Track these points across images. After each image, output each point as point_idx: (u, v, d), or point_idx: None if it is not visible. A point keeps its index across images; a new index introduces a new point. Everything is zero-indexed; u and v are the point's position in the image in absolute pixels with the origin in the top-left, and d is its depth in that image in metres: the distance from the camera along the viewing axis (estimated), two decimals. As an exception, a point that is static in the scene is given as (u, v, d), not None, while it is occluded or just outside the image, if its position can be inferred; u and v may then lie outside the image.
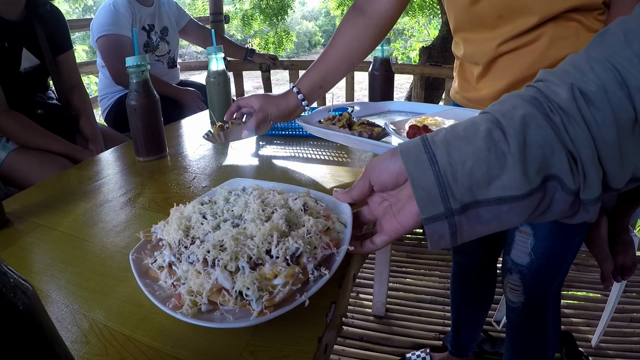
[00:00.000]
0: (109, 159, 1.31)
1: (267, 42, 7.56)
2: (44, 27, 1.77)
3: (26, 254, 0.78)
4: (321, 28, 33.69)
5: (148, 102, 1.20)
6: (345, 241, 0.60)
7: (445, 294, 2.30)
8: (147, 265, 0.62)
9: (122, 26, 2.19)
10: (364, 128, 1.05)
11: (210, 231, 0.61)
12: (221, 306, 0.54)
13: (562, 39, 0.96)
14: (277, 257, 0.56)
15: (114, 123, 2.40)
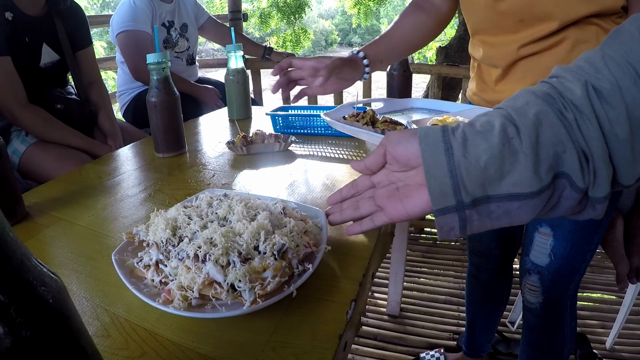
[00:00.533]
0: (128, 154, 1.33)
1: (285, 40, 7.57)
2: (65, 23, 1.79)
3: (46, 247, 0.79)
4: (337, 27, 33.64)
5: (168, 99, 1.21)
6: (322, 241, 0.66)
7: (460, 294, 2.28)
8: (132, 265, 0.64)
9: (141, 22, 2.20)
10: (387, 126, 1.06)
11: (198, 230, 0.63)
12: (214, 299, 0.56)
13: (583, 42, 0.96)
14: (265, 253, 0.59)
15: (133, 119, 2.41)
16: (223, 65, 3.20)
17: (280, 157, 1.21)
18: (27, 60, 1.68)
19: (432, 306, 2.22)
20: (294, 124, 1.43)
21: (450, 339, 1.99)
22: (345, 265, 0.69)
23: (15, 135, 1.69)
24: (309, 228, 0.69)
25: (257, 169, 1.12)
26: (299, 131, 1.43)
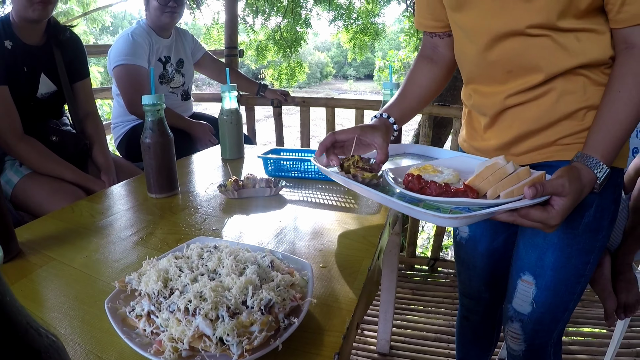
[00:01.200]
0: (121, 192, 1.35)
1: (280, 73, 7.63)
2: (63, 53, 1.82)
3: (39, 288, 0.80)
4: (333, 59, 34.09)
5: (162, 141, 1.24)
6: (308, 294, 0.68)
7: (450, 331, 2.28)
8: (124, 314, 0.66)
9: (139, 56, 2.23)
10: (356, 171, 1.01)
11: (188, 283, 0.65)
12: (203, 351, 0.58)
13: (569, 93, 0.98)
14: (253, 307, 0.61)
15: (126, 152, 2.44)
16: (218, 99, 3.25)
17: (270, 201, 1.23)
18: (24, 90, 1.70)
19: (422, 344, 2.21)
20: (285, 167, 1.46)
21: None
22: (330, 317, 0.71)
23: (9, 165, 1.71)
24: (296, 281, 0.71)
25: (247, 215, 1.14)
26: (290, 174, 1.46)
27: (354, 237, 1.00)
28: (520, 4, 0.94)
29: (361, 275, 0.83)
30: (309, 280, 0.72)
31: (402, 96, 1.24)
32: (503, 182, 0.84)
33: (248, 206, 1.20)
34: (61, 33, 1.82)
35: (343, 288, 0.79)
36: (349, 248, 0.95)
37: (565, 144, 1.03)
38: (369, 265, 0.86)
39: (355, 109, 2.89)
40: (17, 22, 1.65)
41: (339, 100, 2.97)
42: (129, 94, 2.22)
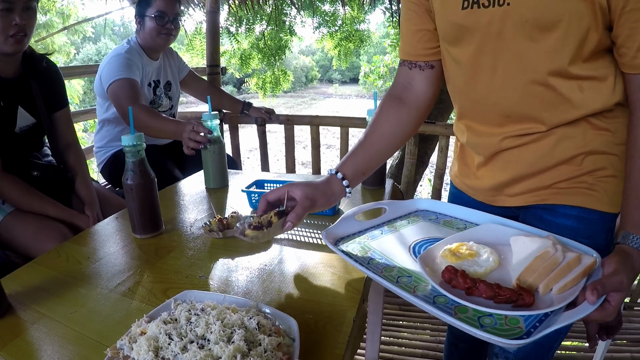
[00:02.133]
0: (106, 231, 1.35)
1: (265, 81, 7.64)
2: (40, 84, 1.80)
3: (34, 351, 0.81)
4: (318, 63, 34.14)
5: (144, 182, 1.24)
6: (295, 355, 0.70)
7: (437, 347, 2.31)
8: None
9: (133, 72, 2.19)
10: (253, 232, 0.99)
11: (179, 353, 0.67)
12: None
13: (568, 138, 0.97)
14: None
15: (110, 176, 2.43)
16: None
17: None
18: (2, 125, 1.68)
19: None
20: (270, 199, 1.46)
21: (427, 396, 2.01)
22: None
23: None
24: (282, 341, 0.73)
25: (232, 259, 1.15)
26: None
27: (339, 284, 1.01)
28: (527, 44, 0.91)
29: (346, 328, 0.85)
30: (295, 339, 0.74)
31: (360, 148, 1.13)
32: (555, 275, 0.78)
33: (233, 247, 1.21)
34: (38, 64, 1.79)
35: (329, 342, 0.81)
36: (334, 296, 0.97)
37: (562, 188, 1.02)
38: (353, 317, 0.88)
39: (340, 127, 2.91)
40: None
41: (323, 118, 2.99)
42: (126, 106, 2.09)
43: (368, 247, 1.01)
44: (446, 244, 0.94)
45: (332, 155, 9.75)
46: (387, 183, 1.71)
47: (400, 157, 3.62)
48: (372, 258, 0.95)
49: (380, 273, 0.89)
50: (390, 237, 1.05)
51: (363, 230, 1.09)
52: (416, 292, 0.83)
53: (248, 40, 6.74)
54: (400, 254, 0.97)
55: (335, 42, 6.87)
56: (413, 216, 1.17)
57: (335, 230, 1.07)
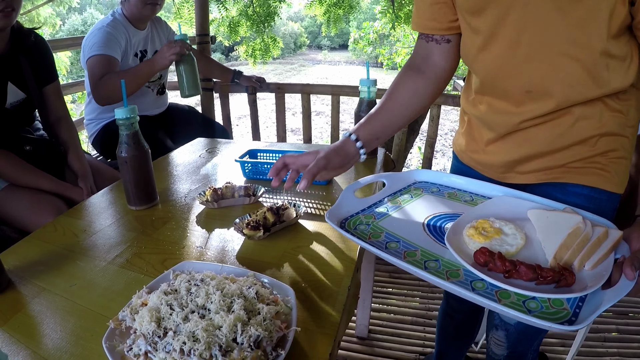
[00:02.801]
0: (101, 204, 1.36)
1: (254, 49, 7.52)
2: (29, 59, 1.78)
3: (36, 325, 0.83)
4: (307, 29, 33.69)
5: (139, 154, 1.24)
6: (292, 322, 0.74)
7: (426, 314, 2.36)
8: (122, 352, 0.70)
9: (112, 48, 2.16)
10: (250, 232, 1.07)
11: (180, 322, 0.69)
12: None
13: (585, 119, 0.96)
14: (243, 344, 0.66)
15: (101, 148, 2.42)
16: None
17: (250, 210, 1.23)
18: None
19: (398, 327, 2.29)
20: (263, 169, 1.49)
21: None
22: (314, 343, 0.76)
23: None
24: (280, 309, 0.75)
25: (228, 229, 1.17)
26: (267, 177, 1.48)
27: (334, 252, 1.04)
28: (554, 15, 0.87)
29: (341, 296, 0.87)
30: (292, 308, 0.77)
31: (376, 114, 1.13)
32: (587, 250, 0.77)
33: (228, 217, 1.22)
34: (26, 38, 1.77)
35: (325, 310, 0.84)
36: (329, 265, 0.99)
37: (575, 167, 1.01)
38: (348, 285, 0.91)
39: (331, 95, 2.90)
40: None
41: (314, 87, 2.99)
42: (94, 82, 2.11)
43: (379, 228, 0.96)
44: (466, 221, 0.91)
45: (322, 122, 9.70)
46: (379, 152, 1.72)
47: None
48: (388, 241, 0.90)
49: (404, 258, 0.84)
50: (398, 215, 1.02)
51: (366, 209, 1.05)
52: (450, 278, 0.79)
53: (236, 7, 6.61)
54: (417, 234, 0.93)
55: (324, 8, 6.76)
56: (414, 189, 1.15)
57: (338, 210, 1.02)
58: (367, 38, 10.22)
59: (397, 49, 10.22)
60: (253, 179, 1.50)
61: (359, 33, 10.59)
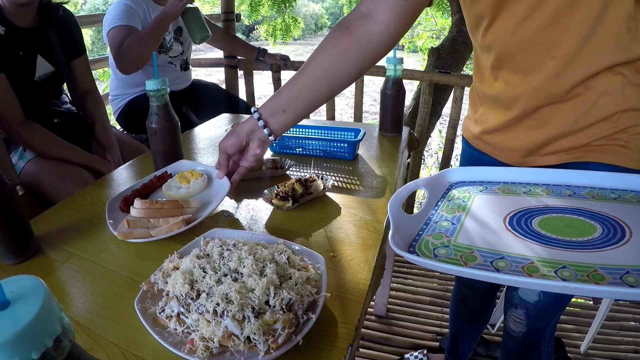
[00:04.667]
0: (129, 175, 1.38)
1: (275, 29, 7.51)
2: (58, 32, 1.80)
3: (66, 288, 0.84)
4: (328, 10, 33.39)
5: (169, 125, 1.26)
6: (322, 288, 0.74)
7: (444, 295, 2.37)
8: (154, 313, 0.72)
9: (133, 19, 2.17)
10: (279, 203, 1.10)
11: (213, 285, 0.70)
12: (232, 349, 0.64)
13: (608, 94, 0.92)
14: (275, 307, 0.67)
15: (126, 124, 2.44)
16: (216, 64, 3.23)
17: (278, 182, 1.23)
18: (22, 74, 1.70)
19: (416, 307, 2.30)
20: (290, 144, 1.50)
21: (434, 340, 2.07)
22: (343, 309, 0.77)
23: (13, 150, 1.72)
24: (311, 275, 0.76)
25: (256, 199, 1.18)
26: (294, 151, 1.50)
27: (361, 224, 1.04)
28: None
29: (369, 266, 0.88)
30: (322, 274, 0.77)
31: (288, 83, 1.00)
32: None
33: (255, 188, 1.23)
34: (54, 12, 1.78)
35: (353, 278, 0.84)
36: (357, 236, 0.99)
37: (597, 145, 0.98)
38: (375, 255, 0.91)
39: (354, 75, 2.88)
40: (7, 7, 1.62)
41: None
42: (117, 50, 2.11)
43: (464, 247, 0.77)
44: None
45: (342, 104, 9.67)
46: (403, 130, 1.72)
47: (413, 106, 3.60)
48: (492, 260, 0.72)
49: (530, 275, 0.67)
50: (471, 225, 0.84)
51: (425, 227, 0.86)
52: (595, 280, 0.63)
53: (258, -14, 6.59)
54: (514, 243, 0.76)
55: (345, -12, 6.70)
56: (459, 192, 0.98)
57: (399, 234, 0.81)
58: (395, 39, 10.14)
59: (419, 32, 10.12)
60: (280, 153, 1.50)
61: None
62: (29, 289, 0.33)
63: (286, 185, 1.12)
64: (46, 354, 0.31)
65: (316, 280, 0.76)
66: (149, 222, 1.00)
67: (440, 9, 5.75)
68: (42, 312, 0.31)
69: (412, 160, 2.93)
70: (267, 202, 1.11)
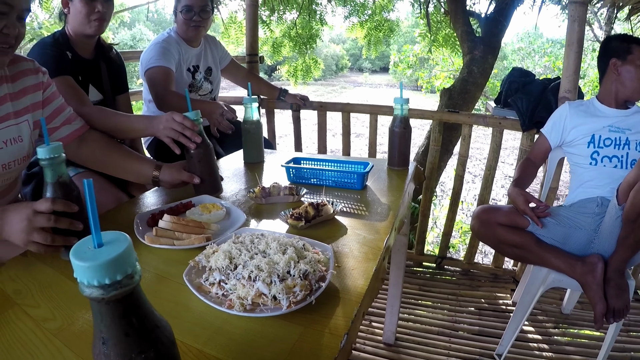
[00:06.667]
0: (157, 198, 1.55)
1: (296, 69, 7.74)
2: (108, 68, 2.09)
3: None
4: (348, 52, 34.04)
5: (204, 150, 1.45)
6: (330, 267, 0.98)
7: (452, 326, 2.46)
8: (198, 283, 0.94)
9: (169, 61, 2.38)
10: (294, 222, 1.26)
11: (247, 260, 0.94)
12: (262, 305, 0.87)
13: None
14: (294, 275, 0.90)
15: (156, 153, 2.62)
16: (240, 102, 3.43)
17: (293, 207, 1.38)
18: None
19: (425, 337, 2.39)
20: (305, 174, 1.67)
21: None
22: (343, 304, 0.92)
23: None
24: (321, 258, 1.01)
25: (274, 219, 1.35)
26: (309, 181, 1.66)
27: (364, 242, 1.20)
28: None
29: (367, 275, 1.03)
30: (330, 258, 1.02)
31: None
32: None
33: (274, 210, 1.40)
34: (107, 51, 2.08)
35: (353, 284, 0.99)
36: (359, 251, 1.14)
37: None
38: (374, 267, 1.06)
39: (369, 114, 3.06)
40: (73, 37, 1.91)
41: (354, 106, 3.15)
42: (160, 91, 2.30)
43: None
44: None
45: (361, 144, 9.88)
46: (410, 164, 1.88)
47: (426, 144, 3.75)
48: None
49: None
50: None
51: None
52: None
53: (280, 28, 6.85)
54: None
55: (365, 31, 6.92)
56: None
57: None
58: (406, 61, 10.39)
59: (436, 73, 10.36)
60: (296, 183, 1.67)
61: (399, 56, 10.78)
62: (118, 237, 0.53)
63: (300, 208, 1.28)
64: (124, 280, 0.50)
65: (325, 263, 1.00)
66: (174, 234, 1.17)
67: (453, 50, 5.95)
68: (125, 252, 0.51)
69: (424, 196, 3.06)
70: (283, 222, 1.28)
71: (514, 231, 1.94)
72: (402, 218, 1.56)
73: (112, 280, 0.49)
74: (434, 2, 4.90)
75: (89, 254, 0.50)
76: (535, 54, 13.82)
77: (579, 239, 1.89)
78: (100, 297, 0.49)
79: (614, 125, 2.03)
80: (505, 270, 2.98)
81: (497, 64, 5.21)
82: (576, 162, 2.14)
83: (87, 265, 0.48)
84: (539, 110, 2.46)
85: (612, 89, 2.06)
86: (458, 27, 3.97)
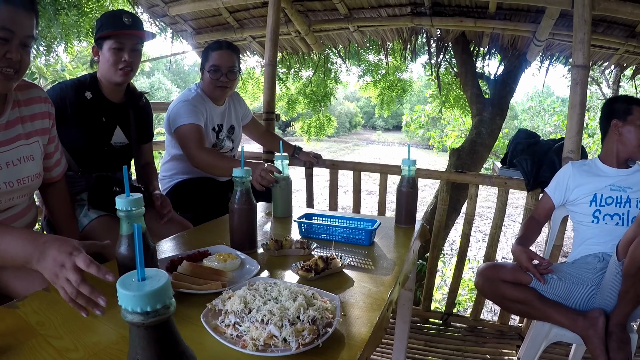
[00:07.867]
0: (176, 244, 1.66)
1: (310, 126, 7.91)
2: (136, 115, 2.20)
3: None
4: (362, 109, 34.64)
5: (248, 208, 1.55)
6: (337, 315, 1.06)
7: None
8: (215, 324, 1.03)
9: (199, 119, 2.48)
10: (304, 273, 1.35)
11: (261, 305, 1.03)
12: (273, 346, 0.95)
13: None
14: (304, 320, 0.99)
15: (172, 202, 2.71)
16: (256, 158, 3.56)
17: (304, 259, 1.48)
18: (100, 136, 2.07)
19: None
20: (316, 230, 1.78)
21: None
22: (348, 348, 1.00)
23: (78, 207, 2.03)
24: (328, 307, 1.08)
25: (285, 271, 1.44)
26: (320, 236, 1.77)
27: (369, 293, 1.29)
28: None
29: (371, 324, 1.11)
30: (337, 307, 1.09)
31: None
32: None
33: (286, 262, 1.50)
34: (138, 98, 2.20)
35: (358, 331, 1.08)
36: (364, 302, 1.23)
37: None
38: (377, 317, 1.15)
39: (380, 173, 3.18)
40: (104, 82, 2.05)
41: (365, 165, 3.27)
42: (193, 149, 2.40)
43: None
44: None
45: (372, 202, 9.97)
46: (416, 223, 1.97)
47: (434, 203, 3.84)
48: None
49: None
50: None
51: None
52: None
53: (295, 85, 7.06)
54: None
55: (378, 90, 7.10)
56: None
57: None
58: (418, 121, 10.60)
59: (447, 132, 10.55)
60: (307, 237, 1.77)
61: (411, 116, 11.01)
62: (158, 274, 0.64)
63: (311, 261, 1.38)
64: (162, 309, 0.61)
65: (332, 311, 1.07)
66: (192, 280, 1.27)
67: (464, 110, 6.11)
68: (165, 286, 0.61)
69: (431, 253, 3.12)
70: (294, 273, 1.37)
71: (517, 287, 2.00)
72: (407, 273, 1.65)
73: (152, 309, 0.60)
74: (445, 64, 5.10)
75: (133, 286, 0.61)
76: (545, 112, 14.02)
77: (581, 294, 1.95)
78: (141, 322, 0.60)
79: (616, 185, 2.12)
80: (511, 327, 3.00)
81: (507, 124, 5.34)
82: (579, 220, 2.22)
83: (132, 295, 0.59)
84: (543, 170, 2.56)
85: (613, 148, 2.16)
86: (467, 89, 4.13)
